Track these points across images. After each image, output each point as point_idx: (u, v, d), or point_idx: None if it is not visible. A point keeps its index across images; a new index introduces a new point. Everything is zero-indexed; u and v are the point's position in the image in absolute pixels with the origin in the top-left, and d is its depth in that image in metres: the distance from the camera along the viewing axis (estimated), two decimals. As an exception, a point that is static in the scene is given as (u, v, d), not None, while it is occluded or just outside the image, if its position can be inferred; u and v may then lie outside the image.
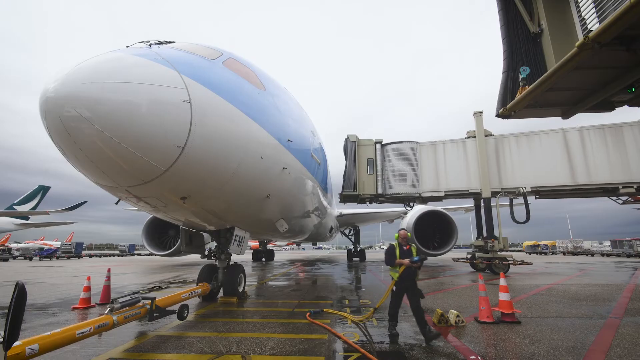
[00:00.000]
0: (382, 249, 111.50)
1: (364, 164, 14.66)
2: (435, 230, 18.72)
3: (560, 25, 6.57)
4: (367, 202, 15.66)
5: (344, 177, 14.58)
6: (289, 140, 6.76)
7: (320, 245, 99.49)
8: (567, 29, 6.43)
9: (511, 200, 13.68)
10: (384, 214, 26.35)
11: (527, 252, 45.61)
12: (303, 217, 10.83)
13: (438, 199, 14.78)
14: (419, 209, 17.41)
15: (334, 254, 51.01)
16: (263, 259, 28.02)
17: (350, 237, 29.16)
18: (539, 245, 46.84)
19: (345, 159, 14.77)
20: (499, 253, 13.54)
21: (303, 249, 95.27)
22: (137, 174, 4.27)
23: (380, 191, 14.34)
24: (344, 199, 15.00)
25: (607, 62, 6.12)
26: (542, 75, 6.43)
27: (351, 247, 28.36)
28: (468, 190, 14.06)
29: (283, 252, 66.30)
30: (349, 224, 27.45)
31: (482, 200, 14.01)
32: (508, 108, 7.70)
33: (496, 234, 13.66)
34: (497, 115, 8.16)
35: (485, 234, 14.03)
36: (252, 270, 17.50)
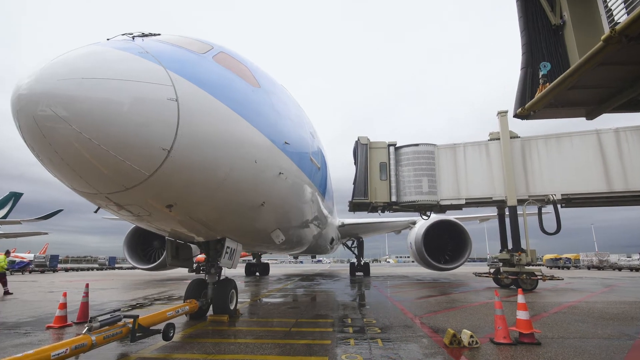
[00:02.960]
0: (389, 262, 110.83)
1: (376, 168, 14.46)
2: (447, 242, 18.69)
3: (585, 17, 6.58)
4: (380, 211, 15.38)
5: (354, 183, 14.33)
6: (285, 142, 6.75)
7: (320, 259, 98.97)
8: (592, 20, 6.43)
9: (540, 209, 13.51)
10: (390, 224, 26.19)
11: (547, 267, 45.31)
12: (301, 227, 10.80)
13: (458, 207, 14.58)
14: (430, 218, 17.32)
15: (335, 268, 50.81)
16: (257, 273, 27.89)
17: (353, 249, 29.04)
18: (560, 258, 46.60)
19: (356, 163, 14.54)
20: (526, 267, 13.43)
21: (301, 262, 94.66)
22: (118, 180, 4.23)
23: (394, 199, 14.13)
24: (355, 207, 14.70)
25: (635, 58, 6.10)
26: (565, 72, 6.42)
27: (354, 260, 28.21)
28: (492, 197, 13.88)
29: (279, 266, 65.90)
30: (351, 234, 27.27)
31: (506, 209, 13.90)
32: (527, 107, 7.67)
33: (523, 246, 13.52)
34: (515, 116, 8.14)
35: (510, 246, 13.92)
36: (245, 286, 17.40)
